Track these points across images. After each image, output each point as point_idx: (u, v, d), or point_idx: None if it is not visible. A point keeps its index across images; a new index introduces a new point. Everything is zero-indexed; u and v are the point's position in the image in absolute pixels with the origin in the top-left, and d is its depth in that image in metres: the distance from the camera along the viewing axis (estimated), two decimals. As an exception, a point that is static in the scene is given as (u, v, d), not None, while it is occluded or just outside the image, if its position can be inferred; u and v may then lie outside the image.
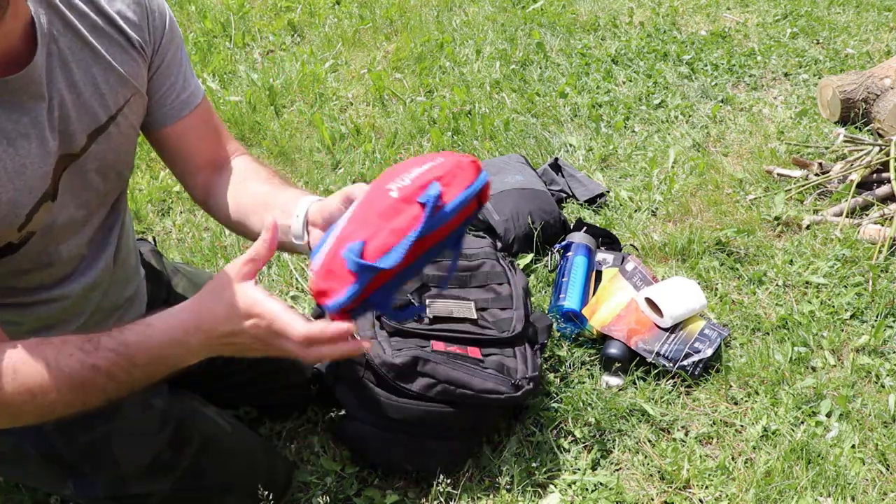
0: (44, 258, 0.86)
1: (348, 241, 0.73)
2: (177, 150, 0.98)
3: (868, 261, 1.75)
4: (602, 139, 2.26)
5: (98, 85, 0.84)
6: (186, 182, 1.02)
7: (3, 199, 0.77)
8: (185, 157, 0.99)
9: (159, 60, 0.92)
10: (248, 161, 1.02)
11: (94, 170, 0.86)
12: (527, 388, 1.29)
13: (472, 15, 3.04)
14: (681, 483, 1.31)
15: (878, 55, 2.66)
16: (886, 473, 1.33)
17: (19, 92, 0.75)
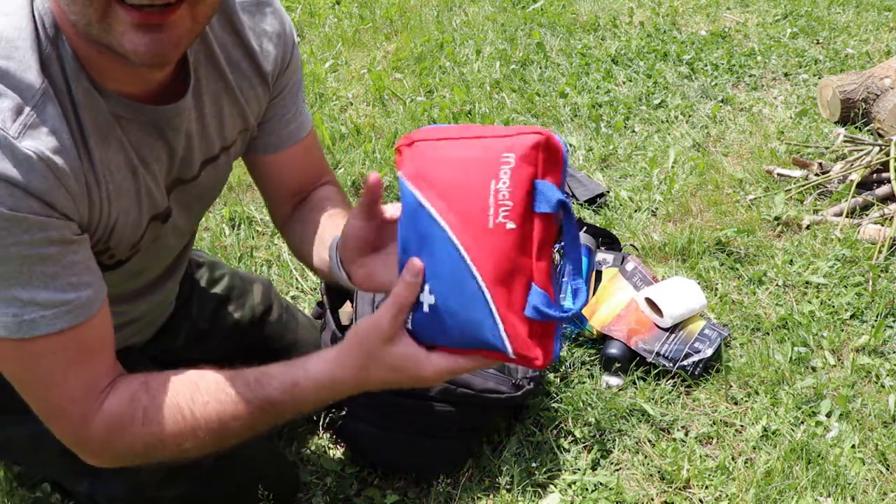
0: (131, 275, 0.87)
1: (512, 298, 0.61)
2: (271, 177, 0.97)
3: (868, 261, 1.75)
4: (602, 139, 2.26)
5: (223, 117, 0.84)
6: (271, 207, 1.02)
7: (131, 219, 0.77)
8: (277, 186, 0.98)
9: (279, 89, 0.90)
10: (326, 191, 0.99)
11: (196, 196, 0.87)
12: (527, 388, 1.29)
13: (472, 15, 3.04)
14: (681, 483, 1.31)
15: (878, 55, 2.66)
16: (886, 473, 1.33)
17: (167, 121, 0.76)
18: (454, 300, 0.61)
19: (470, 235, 0.60)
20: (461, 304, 0.61)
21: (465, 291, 0.60)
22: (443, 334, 0.64)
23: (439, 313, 0.62)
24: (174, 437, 0.73)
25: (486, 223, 0.60)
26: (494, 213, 0.59)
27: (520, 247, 0.59)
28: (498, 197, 0.59)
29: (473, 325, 0.61)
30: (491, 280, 0.60)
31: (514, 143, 0.59)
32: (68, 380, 0.70)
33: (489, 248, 0.59)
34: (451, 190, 0.61)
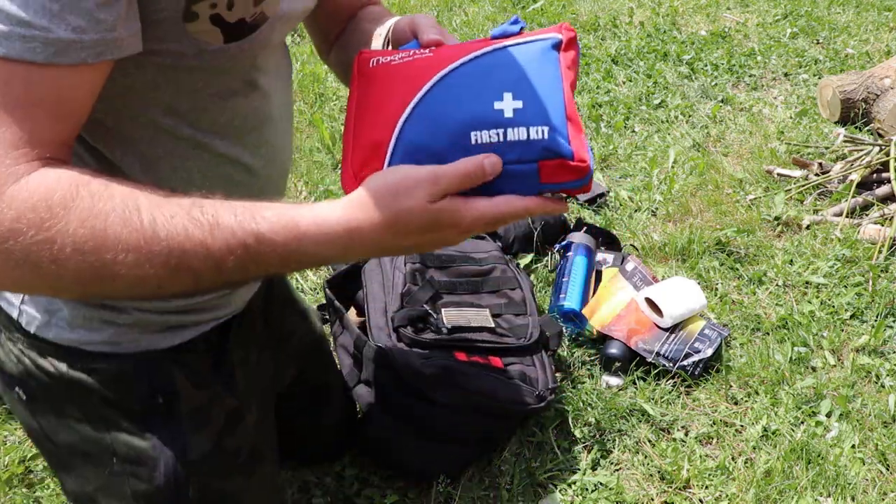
0: (252, 74, 0.68)
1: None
2: (332, 7, 0.84)
3: (868, 261, 1.75)
4: (602, 139, 2.26)
5: None
6: (317, 37, 0.91)
7: None
8: (323, 9, 0.83)
9: None
10: (372, 10, 0.87)
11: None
12: (550, 399, 1.30)
13: (472, 15, 3.04)
14: (681, 483, 1.31)
15: (878, 55, 2.66)
16: (886, 473, 1.33)
17: None
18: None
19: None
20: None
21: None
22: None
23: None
24: (118, 247, 0.50)
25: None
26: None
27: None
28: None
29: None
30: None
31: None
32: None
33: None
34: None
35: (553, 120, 0.58)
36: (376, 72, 0.62)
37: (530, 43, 0.62)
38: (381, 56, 0.64)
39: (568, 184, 0.58)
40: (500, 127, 0.57)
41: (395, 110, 0.59)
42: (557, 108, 0.59)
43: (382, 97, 0.60)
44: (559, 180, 0.58)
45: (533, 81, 0.59)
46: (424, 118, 0.58)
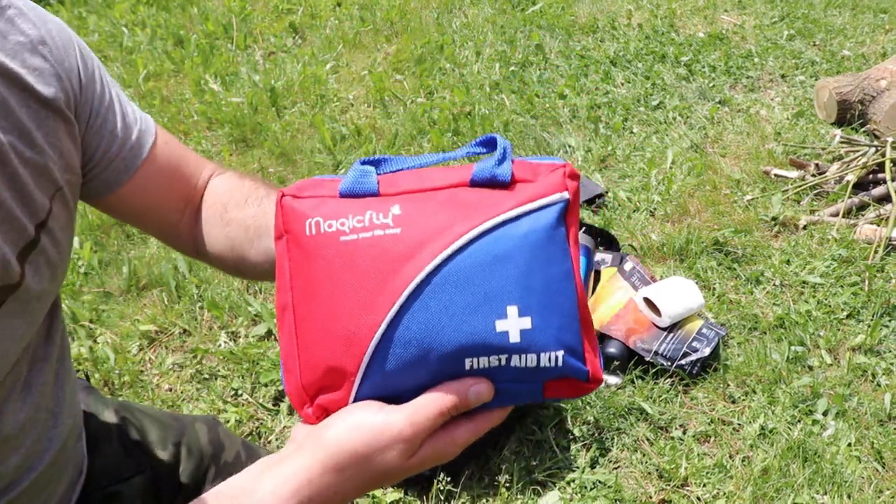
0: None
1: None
2: (143, 207, 0.70)
3: (864, 261, 1.77)
4: (601, 140, 2.27)
5: (17, 186, 0.54)
6: (168, 238, 0.75)
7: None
8: (156, 212, 0.71)
9: (86, 109, 0.61)
10: (222, 182, 0.74)
11: (29, 299, 0.57)
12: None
13: (472, 17, 3.05)
14: (679, 481, 1.32)
15: (874, 57, 2.68)
16: (882, 471, 1.34)
17: None
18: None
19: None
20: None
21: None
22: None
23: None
24: None
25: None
26: None
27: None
28: None
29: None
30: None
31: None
32: None
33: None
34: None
35: (568, 338, 0.45)
36: (321, 247, 0.45)
37: (532, 214, 0.45)
38: (322, 216, 0.46)
39: (575, 397, 0.47)
40: (503, 353, 0.44)
41: (358, 327, 0.44)
42: (571, 318, 0.45)
43: (336, 295, 0.45)
44: (563, 395, 0.47)
45: (540, 282, 0.44)
46: (403, 343, 0.44)
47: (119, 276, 1.78)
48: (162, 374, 1.55)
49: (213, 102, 2.44)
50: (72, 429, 0.68)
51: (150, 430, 0.83)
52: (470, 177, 0.46)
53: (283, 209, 0.47)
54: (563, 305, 0.45)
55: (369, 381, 0.45)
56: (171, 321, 1.65)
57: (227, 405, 1.47)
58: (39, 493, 0.64)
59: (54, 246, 0.57)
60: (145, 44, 2.87)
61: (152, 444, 0.81)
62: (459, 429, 0.47)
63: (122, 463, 0.78)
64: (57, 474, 0.66)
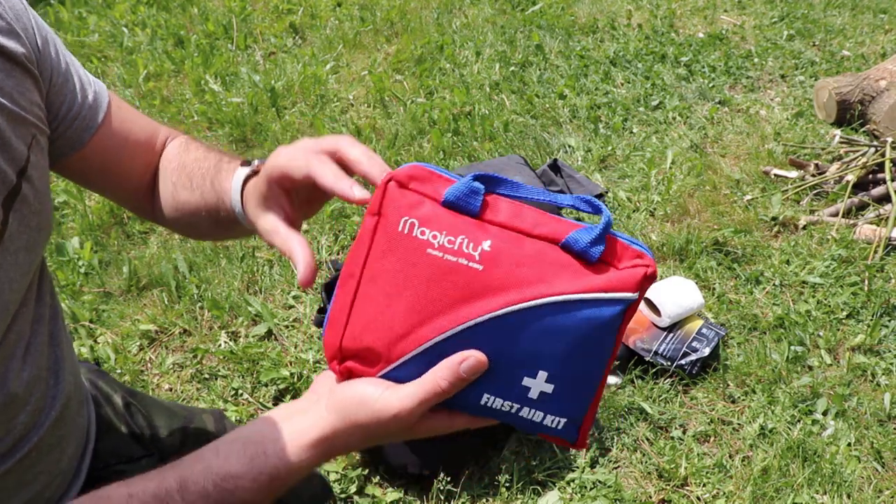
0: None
1: None
2: (104, 168, 0.71)
3: (864, 261, 1.77)
4: (600, 140, 2.27)
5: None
6: (129, 200, 0.76)
7: None
8: (117, 174, 0.72)
9: (47, 67, 0.63)
10: (173, 151, 0.76)
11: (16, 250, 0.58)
12: None
13: (472, 17, 3.06)
14: (678, 481, 1.32)
15: (874, 57, 2.68)
16: (882, 471, 1.34)
17: None
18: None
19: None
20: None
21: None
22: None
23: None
24: None
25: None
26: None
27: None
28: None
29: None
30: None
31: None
32: None
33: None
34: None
35: (575, 412, 0.50)
36: (407, 246, 0.48)
37: (599, 304, 0.47)
38: (418, 220, 0.48)
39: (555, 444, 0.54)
40: (518, 403, 0.49)
41: (409, 330, 0.48)
42: (587, 399, 0.50)
43: (402, 293, 0.48)
44: (549, 440, 0.53)
45: (577, 361, 0.48)
46: (438, 358, 0.48)
47: (119, 276, 1.78)
48: (162, 373, 1.55)
49: (214, 102, 2.45)
50: (74, 388, 0.71)
51: (157, 416, 0.85)
52: (564, 239, 0.48)
53: (386, 194, 0.49)
54: (585, 387, 0.49)
55: (397, 373, 0.50)
56: (171, 321, 1.65)
57: (227, 405, 1.47)
58: (49, 451, 0.67)
59: (35, 194, 0.59)
60: (145, 44, 2.87)
61: (159, 430, 0.83)
62: (457, 419, 0.52)
63: (130, 445, 0.80)
64: (65, 434, 0.69)
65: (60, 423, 0.67)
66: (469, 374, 0.48)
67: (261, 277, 1.78)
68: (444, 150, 2.22)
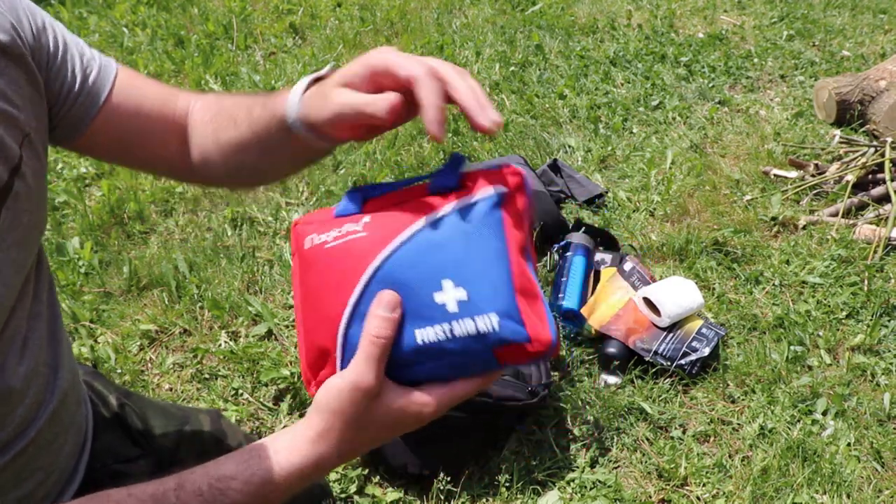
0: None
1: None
2: (120, 141, 0.71)
3: (863, 261, 1.77)
4: (600, 140, 2.28)
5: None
6: (158, 168, 0.76)
7: None
8: (137, 145, 0.72)
9: (43, 54, 0.63)
10: (205, 105, 0.74)
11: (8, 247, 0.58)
12: (543, 394, 1.31)
13: (472, 17, 3.06)
14: (678, 481, 1.33)
15: (874, 57, 2.69)
16: (882, 471, 1.34)
17: None
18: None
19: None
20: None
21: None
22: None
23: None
24: None
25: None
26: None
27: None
28: None
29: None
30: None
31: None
32: None
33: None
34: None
35: (500, 304, 0.51)
36: (313, 256, 0.55)
37: (469, 207, 0.52)
38: (316, 233, 0.56)
39: (531, 361, 0.53)
40: (444, 322, 0.51)
41: (335, 311, 0.53)
42: (504, 286, 0.51)
43: (321, 289, 0.54)
44: (520, 361, 0.53)
45: (474, 258, 0.51)
46: (363, 320, 0.52)
47: (119, 276, 1.79)
48: (162, 373, 1.55)
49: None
50: (71, 385, 0.71)
51: (153, 417, 0.85)
52: (428, 188, 0.55)
53: (295, 233, 0.58)
54: (493, 277, 0.51)
55: (347, 353, 0.53)
56: (171, 321, 1.66)
57: (227, 404, 1.47)
58: (47, 447, 0.67)
59: (27, 192, 0.60)
60: (146, 44, 2.87)
61: (154, 430, 0.84)
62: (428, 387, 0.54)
63: (125, 445, 0.81)
64: (61, 430, 0.69)
65: (57, 419, 0.68)
66: (387, 309, 0.51)
67: (261, 277, 1.78)
68: (444, 150, 2.22)
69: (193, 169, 0.74)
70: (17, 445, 0.63)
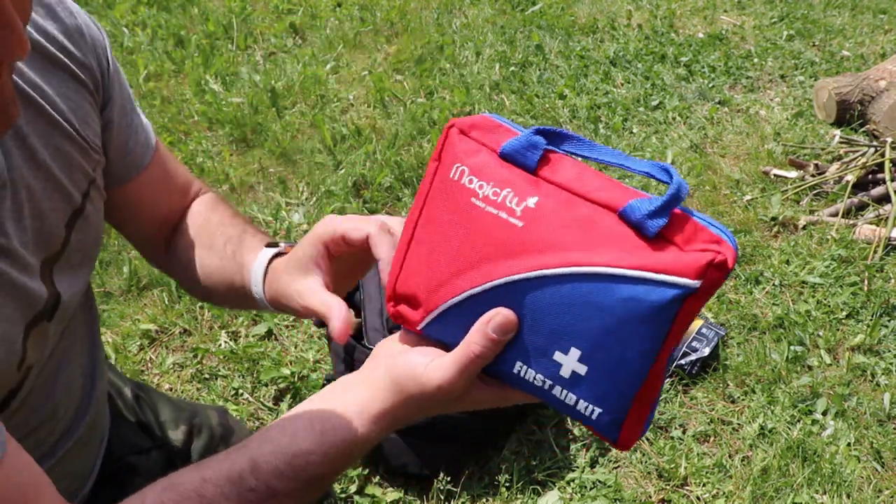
0: (44, 405, 0.63)
1: None
2: (137, 207, 0.73)
3: (863, 261, 1.77)
4: (600, 140, 2.28)
5: (65, 156, 0.60)
6: (145, 246, 0.78)
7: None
8: (144, 215, 0.74)
9: (107, 99, 0.66)
10: (198, 209, 0.76)
11: (78, 264, 0.63)
12: None
13: (472, 17, 3.06)
14: (678, 481, 1.33)
15: (874, 57, 2.69)
16: (881, 471, 1.34)
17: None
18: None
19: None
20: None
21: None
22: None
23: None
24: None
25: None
26: None
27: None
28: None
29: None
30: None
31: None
32: None
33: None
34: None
35: (613, 406, 0.45)
36: (454, 192, 0.47)
37: (647, 284, 0.42)
38: (469, 169, 0.47)
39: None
40: (550, 379, 0.45)
41: (448, 280, 0.47)
42: (625, 393, 0.44)
43: (448, 242, 0.47)
44: (595, 433, 0.48)
45: (614, 347, 0.43)
46: (476, 310, 0.46)
47: (119, 276, 1.79)
48: (162, 373, 1.55)
49: (214, 103, 2.45)
50: (103, 392, 0.74)
51: (164, 410, 0.87)
52: (622, 207, 0.43)
53: (447, 139, 0.48)
54: (625, 379, 0.44)
55: (437, 325, 0.49)
56: (171, 321, 1.66)
57: (227, 404, 1.47)
58: (84, 446, 0.70)
59: (95, 212, 0.64)
60: (146, 44, 2.87)
61: (165, 424, 0.85)
62: (509, 393, 0.51)
63: (139, 436, 0.83)
64: (92, 436, 0.72)
65: (92, 426, 0.70)
66: (498, 333, 0.46)
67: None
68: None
69: (169, 261, 0.77)
70: (58, 453, 0.65)
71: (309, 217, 1.98)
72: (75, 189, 0.61)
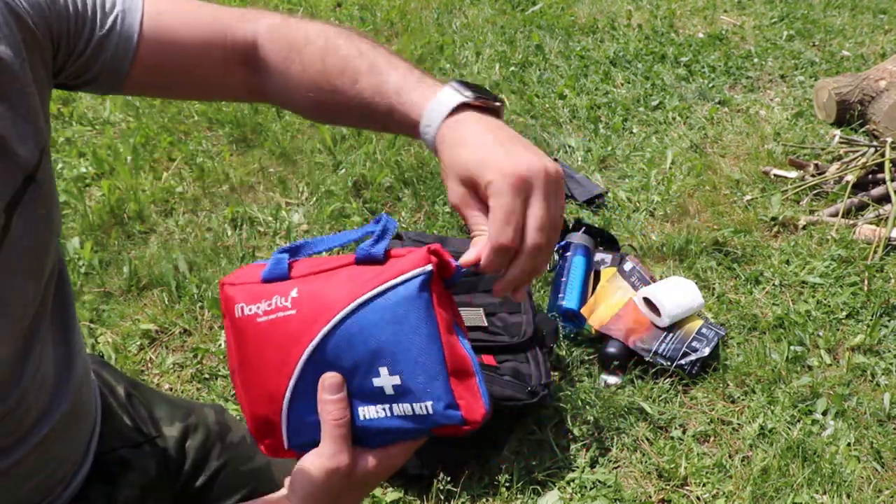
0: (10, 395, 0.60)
1: None
2: (173, 78, 0.68)
3: (863, 261, 1.77)
4: (600, 140, 2.28)
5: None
6: (228, 95, 0.73)
7: None
8: (191, 77, 0.68)
9: (61, 24, 0.60)
10: (271, 35, 0.68)
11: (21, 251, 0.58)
12: (543, 394, 1.31)
13: (472, 17, 3.06)
14: (678, 481, 1.33)
15: (874, 57, 2.69)
16: (881, 471, 1.34)
17: None
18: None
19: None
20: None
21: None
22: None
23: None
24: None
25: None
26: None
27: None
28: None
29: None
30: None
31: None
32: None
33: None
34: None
35: (435, 391, 0.53)
36: (246, 327, 0.56)
37: (397, 289, 0.53)
38: (245, 302, 0.56)
39: (459, 435, 0.56)
40: (384, 403, 0.54)
41: (276, 389, 0.55)
42: (437, 373, 0.53)
43: (260, 364, 0.56)
44: (449, 434, 0.55)
45: (406, 346, 0.52)
46: (307, 396, 0.54)
47: (119, 276, 1.79)
48: (162, 373, 1.55)
49: (214, 102, 2.45)
50: (85, 372, 0.73)
51: (159, 407, 0.87)
52: (356, 257, 0.55)
53: (224, 295, 0.58)
54: (427, 365, 0.52)
55: (291, 428, 0.56)
56: (171, 321, 1.66)
57: (227, 404, 1.47)
58: (64, 432, 0.69)
59: (42, 197, 0.60)
60: (145, 44, 2.87)
61: (160, 421, 0.86)
62: (376, 452, 0.56)
63: (132, 432, 0.83)
64: (75, 418, 0.71)
65: (75, 406, 0.70)
66: (332, 392, 0.53)
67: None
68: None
69: (270, 99, 0.71)
70: (41, 430, 0.65)
71: (309, 217, 1.98)
72: (17, 171, 0.56)
